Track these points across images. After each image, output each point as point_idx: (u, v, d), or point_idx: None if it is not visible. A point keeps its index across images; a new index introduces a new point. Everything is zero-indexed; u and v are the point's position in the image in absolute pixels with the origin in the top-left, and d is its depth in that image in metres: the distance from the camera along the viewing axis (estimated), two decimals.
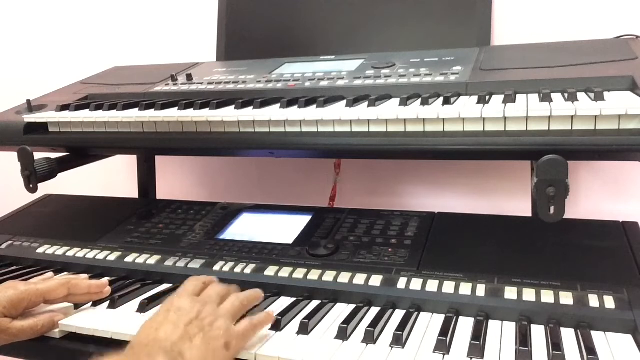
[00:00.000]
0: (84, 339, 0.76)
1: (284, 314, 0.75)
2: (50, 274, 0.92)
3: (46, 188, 1.11)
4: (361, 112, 0.78)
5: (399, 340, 0.68)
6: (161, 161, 1.44)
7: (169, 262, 0.93)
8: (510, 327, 0.71)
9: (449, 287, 0.78)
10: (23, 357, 0.81)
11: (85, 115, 0.95)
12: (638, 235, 0.86)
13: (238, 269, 0.89)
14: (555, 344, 0.65)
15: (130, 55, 1.52)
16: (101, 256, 0.98)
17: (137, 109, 0.93)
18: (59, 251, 1.01)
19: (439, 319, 0.74)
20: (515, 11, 1.18)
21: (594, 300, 0.72)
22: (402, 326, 0.70)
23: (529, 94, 0.79)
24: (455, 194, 1.28)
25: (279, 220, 1.04)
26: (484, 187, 1.26)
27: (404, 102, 0.78)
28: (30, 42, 1.67)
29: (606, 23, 1.11)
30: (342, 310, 0.79)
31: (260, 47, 1.29)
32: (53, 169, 0.99)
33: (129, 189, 1.44)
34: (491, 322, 0.73)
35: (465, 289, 0.77)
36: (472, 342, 0.66)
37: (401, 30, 1.18)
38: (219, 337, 0.63)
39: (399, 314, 0.76)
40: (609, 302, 0.71)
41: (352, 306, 0.79)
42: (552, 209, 0.69)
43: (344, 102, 0.84)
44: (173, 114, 0.88)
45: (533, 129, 0.71)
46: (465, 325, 0.72)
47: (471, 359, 0.64)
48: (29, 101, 1.08)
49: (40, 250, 1.02)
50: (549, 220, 0.69)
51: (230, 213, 1.09)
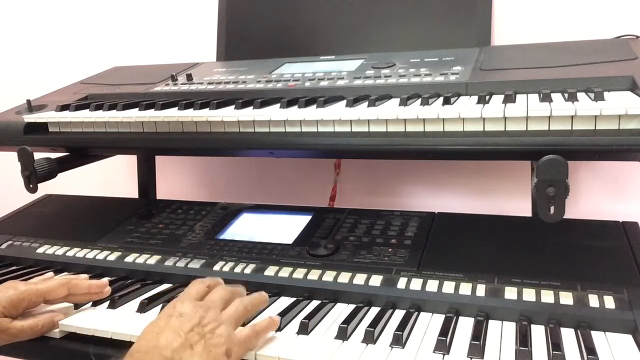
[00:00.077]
0: (84, 339, 0.76)
1: (284, 314, 0.75)
2: (50, 274, 0.92)
3: (46, 188, 1.11)
4: (361, 112, 0.78)
5: (399, 340, 0.68)
6: (161, 161, 1.44)
7: (169, 262, 0.93)
8: (510, 327, 0.71)
9: (449, 287, 0.78)
10: (23, 357, 0.81)
11: (85, 115, 0.95)
12: (638, 235, 0.86)
13: (238, 269, 0.89)
14: (555, 344, 0.65)
15: (130, 55, 1.52)
16: (101, 256, 0.98)
17: (137, 109, 0.93)
18: (59, 251, 1.01)
19: (439, 319, 0.74)
20: (515, 11, 1.18)
21: (594, 300, 0.72)
22: (402, 326, 0.70)
23: (529, 94, 0.79)
24: (455, 194, 1.28)
25: (279, 220, 1.04)
26: (484, 187, 1.26)
27: (404, 102, 0.78)
28: (30, 42, 1.67)
29: (606, 23, 1.11)
30: (342, 310, 0.79)
31: (260, 47, 1.29)
32: (53, 169, 0.99)
33: (129, 189, 1.44)
34: (491, 322, 0.73)
35: (465, 289, 0.77)
36: (472, 342, 0.66)
37: (401, 30, 1.18)
38: (220, 345, 0.63)
39: (399, 314, 0.76)
40: (609, 302, 0.71)
41: (352, 306, 0.79)
42: (552, 209, 0.69)
43: (344, 102, 0.84)
44: (173, 114, 0.88)
45: (533, 129, 0.71)
46: (465, 325, 0.72)
47: (471, 359, 0.64)
48: (29, 101, 1.08)
49: (40, 250, 1.02)
50: (549, 220, 0.69)
51: (230, 213, 1.09)
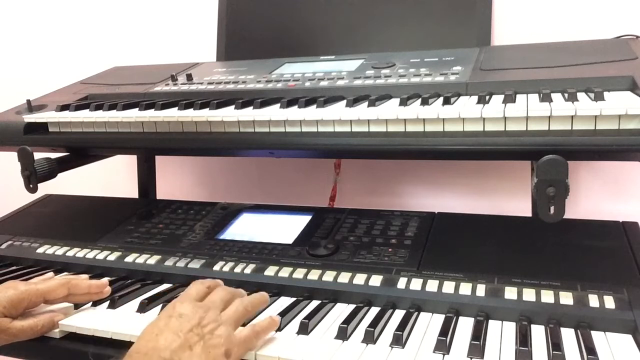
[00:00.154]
0: (84, 339, 0.76)
1: (284, 314, 0.75)
2: (50, 274, 0.92)
3: (46, 188, 1.11)
4: (361, 112, 0.78)
5: (399, 340, 0.68)
6: (161, 161, 1.44)
7: (169, 262, 0.93)
8: (510, 327, 0.71)
9: (449, 287, 0.78)
10: (23, 357, 0.81)
11: (85, 115, 0.95)
12: (638, 235, 0.86)
13: (238, 269, 0.89)
14: (555, 344, 0.65)
15: (130, 55, 1.52)
16: (101, 256, 0.98)
17: (137, 109, 0.93)
18: (59, 251, 1.01)
19: (439, 319, 0.74)
20: (515, 11, 1.18)
21: (594, 300, 0.72)
22: (402, 326, 0.70)
23: (529, 94, 0.79)
24: (455, 194, 1.28)
25: (279, 220, 1.04)
26: (484, 187, 1.26)
27: (404, 102, 0.78)
28: (30, 42, 1.67)
29: (606, 23, 1.11)
30: (342, 310, 0.79)
31: (260, 47, 1.29)
32: (53, 169, 0.99)
33: (129, 189, 1.44)
34: (491, 322, 0.73)
35: (465, 289, 0.77)
36: (472, 342, 0.66)
37: (401, 30, 1.18)
38: (219, 345, 0.63)
39: (399, 314, 0.76)
40: (609, 302, 0.71)
41: (352, 306, 0.79)
42: (552, 209, 0.69)
43: (344, 102, 0.84)
44: (173, 114, 0.88)
45: (533, 129, 0.71)
46: (465, 325, 0.72)
47: (471, 359, 0.64)
48: (29, 101, 1.07)
49: (40, 250, 1.02)
50: (549, 220, 0.69)
51: (230, 213, 1.09)
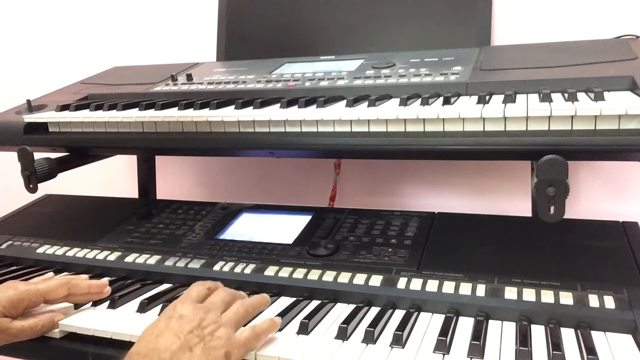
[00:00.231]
0: (84, 339, 0.76)
1: (284, 314, 0.75)
2: (50, 274, 0.92)
3: (46, 188, 1.11)
4: (361, 112, 0.78)
5: (399, 340, 0.68)
6: (161, 161, 1.44)
7: (169, 262, 0.93)
8: (510, 327, 0.71)
9: (449, 287, 0.78)
10: (23, 357, 0.81)
11: (85, 115, 0.95)
12: (638, 235, 0.86)
13: (238, 269, 0.89)
14: (555, 344, 0.65)
15: (130, 55, 1.52)
16: (101, 256, 0.98)
17: (137, 109, 0.93)
18: (59, 251, 1.01)
19: (439, 319, 0.74)
20: (515, 11, 1.18)
21: (594, 300, 0.72)
22: (402, 326, 0.70)
23: (529, 94, 0.79)
24: (455, 194, 1.28)
25: (279, 220, 1.04)
26: (484, 187, 1.26)
27: (404, 102, 0.78)
28: (30, 42, 1.67)
29: (606, 23, 1.11)
30: (342, 310, 0.79)
31: (260, 47, 1.29)
32: (53, 169, 0.99)
33: (129, 189, 1.44)
34: (491, 322, 0.73)
35: (465, 289, 0.77)
36: (472, 342, 0.66)
37: (401, 30, 1.18)
38: (219, 347, 0.63)
39: (399, 314, 0.76)
40: (609, 302, 0.71)
41: (352, 306, 0.79)
42: (552, 209, 0.69)
43: (344, 102, 0.84)
44: (173, 114, 0.88)
45: (533, 129, 0.71)
46: (465, 325, 0.72)
47: (471, 359, 0.64)
48: (29, 101, 1.07)
49: (40, 250, 1.02)
50: (549, 220, 0.69)
51: (230, 213, 1.09)
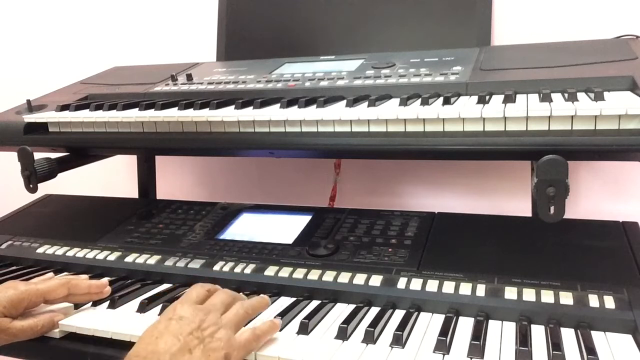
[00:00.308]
0: (84, 339, 0.76)
1: (284, 314, 0.75)
2: (50, 274, 0.92)
3: (46, 188, 1.11)
4: (361, 112, 0.78)
5: (399, 340, 0.68)
6: (161, 161, 1.44)
7: (169, 262, 0.93)
8: (510, 327, 0.71)
9: (449, 287, 0.78)
10: (23, 357, 0.81)
11: (85, 115, 0.95)
12: (638, 235, 0.86)
13: (238, 269, 0.89)
14: (555, 344, 0.65)
15: (130, 55, 1.52)
16: (101, 256, 0.98)
17: (137, 109, 0.93)
18: (59, 251, 1.01)
19: (439, 319, 0.74)
20: (515, 11, 1.18)
21: (594, 300, 0.72)
22: (402, 326, 0.70)
23: (529, 94, 0.79)
24: (455, 194, 1.28)
25: (279, 220, 1.04)
26: (484, 187, 1.26)
27: (404, 102, 0.78)
28: (30, 42, 1.67)
29: (606, 23, 1.11)
30: (342, 310, 0.78)
31: (260, 47, 1.29)
32: (53, 169, 0.99)
33: (129, 189, 1.44)
34: (491, 322, 0.73)
35: (465, 289, 0.77)
36: (472, 342, 0.66)
37: (401, 30, 1.18)
38: (219, 349, 0.63)
39: (399, 314, 0.76)
40: (609, 302, 0.71)
41: (352, 306, 0.79)
42: (552, 209, 0.69)
43: (344, 102, 0.84)
44: (173, 114, 0.88)
45: (533, 129, 0.71)
46: (465, 325, 0.72)
47: (471, 359, 0.64)
48: (29, 101, 1.08)
49: (40, 250, 1.02)
50: (549, 220, 0.69)
51: (230, 213, 1.09)
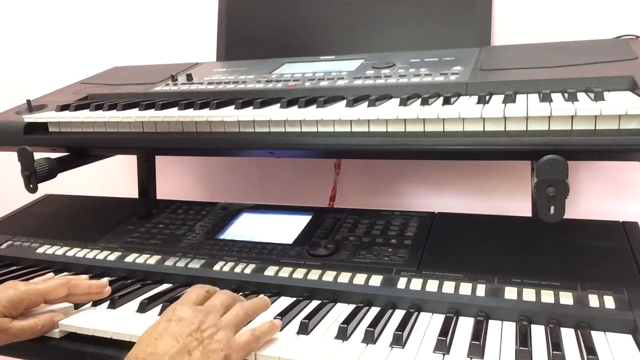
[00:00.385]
0: (84, 339, 0.76)
1: (284, 314, 0.75)
2: (50, 274, 0.92)
3: (46, 188, 1.11)
4: (361, 112, 0.78)
5: (399, 340, 0.68)
6: (161, 161, 1.44)
7: (169, 262, 0.93)
8: (510, 327, 0.71)
9: (449, 287, 0.78)
10: (23, 357, 0.81)
11: (85, 115, 0.95)
12: (638, 235, 0.86)
13: (238, 269, 0.89)
14: (555, 344, 0.65)
15: (130, 55, 1.52)
16: (101, 256, 0.98)
17: (137, 109, 0.93)
18: (59, 251, 1.01)
19: (439, 319, 0.74)
20: (515, 11, 1.18)
21: (594, 300, 0.72)
22: (402, 326, 0.70)
23: (529, 94, 0.79)
24: (455, 194, 1.28)
25: (279, 220, 1.04)
26: (484, 187, 1.26)
27: (404, 102, 0.78)
28: (30, 42, 1.67)
29: (606, 23, 1.11)
30: (342, 310, 0.79)
31: (260, 47, 1.29)
32: (53, 169, 0.99)
33: (129, 189, 1.44)
34: (491, 322, 0.73)
35: (465, 289, 0.77)
36: (472, 342, 0.66)
37: (401, 30, 1.18)
38: (218, 350, 0.63)
39: (399, 314, 0.76)
40: (609, 302, 0.71)
41: (352, 306, 0.79)
42: (552, 209, 0.69)
43: (344, 102, 0.84)
44: (173, 114, 0.88)
45: (533, 129, 0.71)
46: (465, 325, 0.72)
47: (471, 359, 0.64)
48: (29, 101, 1.08)
49: (40, 250, 1.02)
50: (549, 220, 0.69)
51: (230, 213, 1.09)
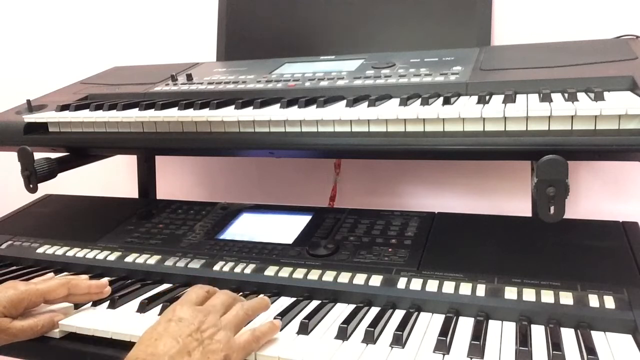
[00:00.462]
0: (84, 339, 0.76)
1: (284, 314, 0.75)
2: (50, 274, 0.92)
3: (46, 188, 1.11)
4: (361, 112, 0.78)
5: (399, 340, 0.68)
6: (161, 161, 1.44)
7: (169, 262, 0.93)
8: (510, 327, 0.71)
9: (449, 287, 0.78)
10: (23, 357, 0.81)
11: (85, 115, 0.95)
12: (638, 235, 0.86)
13: (238, 269, 0.89)
14: (555, 344, 0.65)
15: (130, 55, 1.52)
16: (101, 256, 0.98)
17: (137, 109, 0.93)
18: (59, 251, 1.01)
19: (439, 319, 0.74)
20: (515, 11, 1.18)
21: (594, 300, 0.72)
22: (402, 326, 0.70)
23: (529, 94, 0.79)
24: (455, 194, 1.28)
25: (279, 220, 1.04)
26: (484, 187, 1.26)
27: (404, 102, 0.78)
28: (30, 42, 1.67)
29: (606, 23, 1.11)
30: (342, 310, 0.79)
31: (260, 47, 1.29)
32: (53, 169, 0.99)
33: (129, 189, 1.44)
34: (491, 322, 0.73)
35: (465, 289, 0.77)
36: (472, 342, 0.66)
37: (401, 30, 1.18)
38: (218, 351, 0.63)
39: (399, 314, 0.76)
40: (609, 302, 0.71)
41: (352, 306, 0.79)
42: (552, 209, 0.69)
43: (344, 102, 0.84)
44: (173, 114, 0.88)
45: (533, 129, 0.71)
46: (465, 325, 0.72)
47: (471, 359, 0.64)
48: (29, 101, 1.08)
49: (40, 250, 1.02)
50: (549, 220, 0.69)
51: (230, 213, 1.09)
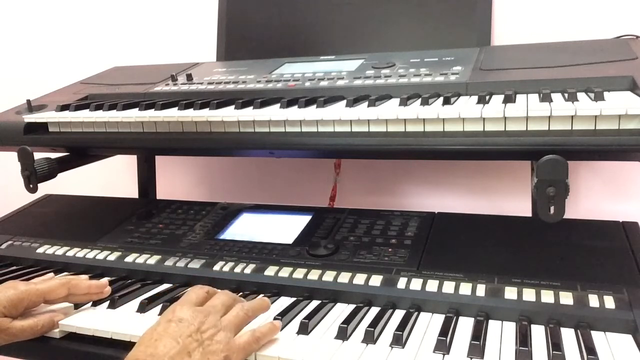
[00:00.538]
0: (84, 339, 0.76)
1: (284, 314, 0.75)
2: (50, 274, 0.92)
3: (46, 188, 1.11)
4: (361, 112, 0.78)
5: (399, 340, 0.68)
6: (161, 161, 1.44)
7: (169, 262, 0.93)
8: (510, 327, 0.71)
9: (449, 287, 0.78)
10: (23, 357, 0.81)
11: (85, 115, 0.95)
12: (638, 235, 0.86)
13: (238, 269, 0.89)
14: (555, 344, 0.65)
15: (130, 55, 1.52)
16: (101, 256, 0.98)
17: (137, 109, 0.93)
18: (59, 251, 1.01)
19: (439, 319, 0.74)
20: (515, 11, 1.18)
21: (594, 300, 0.72)
22: (402, 326, 0.70)
23: (529, 94, 0.79)
24: (455, 194, 1.28)
25: (279, 220, 1.04)
26: (484, 187, 1.26)
27: (404, 102, 0.78)
28: (30, 42, 1.67)
29: (606, 23, 1.11)
30: (342, 310, 0.79)
31: (260, 47, 1.29)
32: (53, 169, 0.99)
33: (129, 189, 1.44)
34: (491, 322, 0.73)
35: (465, 289, 0.77)
36: (472, 342, 0.66)
37: (401, 30, 1.18)
38: (218, 351, 0.63)
39: (399, 314, 0.76)
40: (609, 302, 0.71)
41: (352, 306, 0.79)
42: (552, 209, 0.69)
43: (344, 102, 0.84)
44: (173, 114, 0.88)
45: (533, 129, 0.71)
46: (465, 325, 0.72)
47: (471, 359, 0.64)
48: (29, 101, 1.08)
49: (40, 250, 1.02)
50: (549, 220, 0.69)
51: (230, 213, 1.09)
